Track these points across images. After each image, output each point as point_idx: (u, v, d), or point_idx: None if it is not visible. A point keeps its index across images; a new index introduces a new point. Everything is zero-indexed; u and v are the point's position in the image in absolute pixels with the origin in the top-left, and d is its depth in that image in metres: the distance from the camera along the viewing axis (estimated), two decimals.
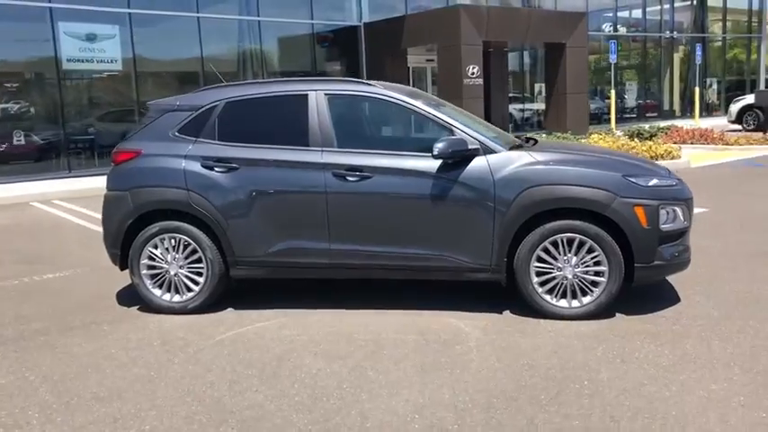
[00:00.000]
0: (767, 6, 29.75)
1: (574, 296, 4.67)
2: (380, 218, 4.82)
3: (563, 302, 4.67)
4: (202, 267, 5.02)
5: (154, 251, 5.07)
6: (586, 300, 4.65)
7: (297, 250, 4.91)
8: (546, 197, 4.57)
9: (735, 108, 22.21)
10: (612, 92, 20.84)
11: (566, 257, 4.62)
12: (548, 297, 4.68)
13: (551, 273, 4.66)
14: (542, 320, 4.66)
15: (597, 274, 4.61)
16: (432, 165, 4.71)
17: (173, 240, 5.04)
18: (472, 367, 3.95)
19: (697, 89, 24.83)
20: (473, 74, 16.67)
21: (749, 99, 22.25)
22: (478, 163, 4.67)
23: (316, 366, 4.03)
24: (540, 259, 4.65)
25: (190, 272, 5.06)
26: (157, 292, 5.11)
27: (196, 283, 5.06)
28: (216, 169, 4.96)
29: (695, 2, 28.52)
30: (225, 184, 4.92)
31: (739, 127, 21.56)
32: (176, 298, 5.10)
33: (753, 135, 16.48)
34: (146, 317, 5.06)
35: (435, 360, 4.07)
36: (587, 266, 4.61)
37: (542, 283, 4.68)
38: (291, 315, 4.97)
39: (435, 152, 4.59)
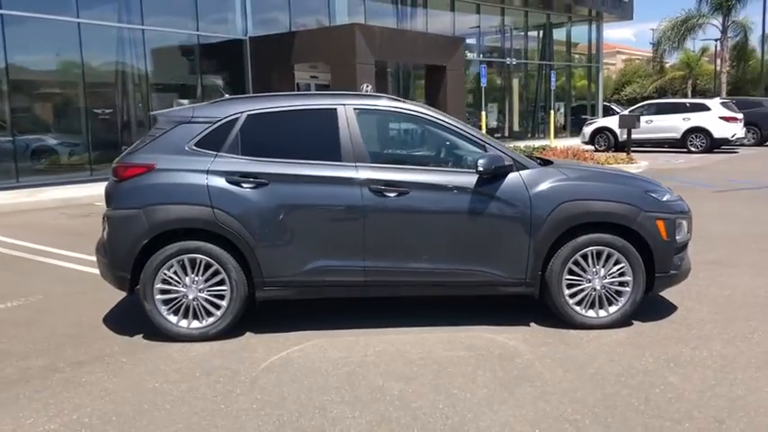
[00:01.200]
0: (602, 41, 32.81)
1: (600, 306, 4.90)
2: (418, 234, 4.78)
3: (591, 312, 4.90)
4: (224, 290, 4.70)
5: (170, 274, 4.67)
6: (612, 309, 4.90)
7: (329, 269, 4.74)
8: (579, 212, 4.78)
9: (588, 130, 24.21)
10: (483, 113, 21.96)
11: (594, 269, 4.85)
12: (577, 308, 4.88)
13: (581, 284, 4.87)
14: (572, 331, 4.85)
15: (622, 284, 4.88)
16: (469, 180, 4.76)
17: (191, 262, 4.67)
18: (548, 379, 4.04)
19: (552, 112, 26.79)
20: (367, 92, 16.86)
21: (601, 122, 24.39)
22: (514, 179, 4.79)
23: (395, 387, 3.93)
24: (570, 272, 4.84)
25: (210, 295, 4.72)
26: (173, 318, 4.72)
27: (217, 306, 4.73)
28: (243, 185, 4.68)
29: (542, 33, 30.76)
30: (253, 200, 4.66)
31: (592, 147, 23.47)
32: (195, 324, 4.73)
33: (618, 155, 18.03)
34: (160, 345, 4.65)
35: (507, 375, 4.11)
36: (613, 277, 4.86)
37: (572, 295, 4.87)
38: (322, 336, 4.79)
39: (481, 168, 4.66)
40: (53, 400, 3.82)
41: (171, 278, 4.68)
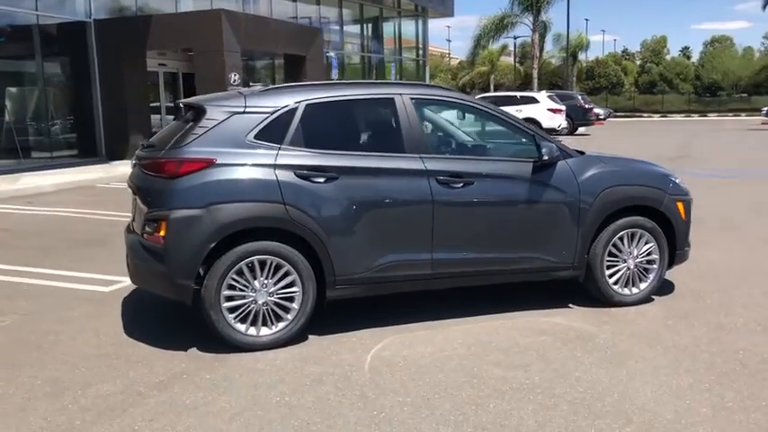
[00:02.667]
0: (428, 35, 34.29)
1: (633, 284, 5.27)
2: (482, 224, 4.82)
3: (626, 290, 5.26)
4: (295, 292, 4.40)
5: (237, 278, 4.28)
6: (643, 286, 5.30)
7: (399, 263, 4.63)
8: (620, 197, 5.11)
9: None
10: None
11: (629, 250, 5.20)
12: (615, 287, 5.21)
13: (617, 265, 5.20)
14: (612, 309, 5.16)
15: (649, 262, 5.29)
16: (526, 169, 4.89)
17: (261, 264, 4.32)
18: (642, 354, 4.29)
19: None
20: (235, 81, 16.22)
21: None
22: (563, 167, 4.99)
23: (518, 376, 3.96)
24: (610, 254, 5.16)
25: (279, 298, 4.39)
26: (241, 326, 4.32)
27: (286, 310, 4.41)
28: (313, 180, 4.40)
29: (373, 27, 31.43)
30: (324, 195, 4.40)
31: None
32: (265, 331, 4.38)
33: None
34: (229, 358, 4.25)
35: (604, 354, 4.30)
36: (643, 257, 5.25)
37: (610, 275, 5.19)
38: (391, 333, 4.66)
39: (546, 157, 4.80)
40: (182, 426, 3.36)
41: (238, 283, 4.28)
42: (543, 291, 5.47)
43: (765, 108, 50.82)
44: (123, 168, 15.26)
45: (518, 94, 26.97)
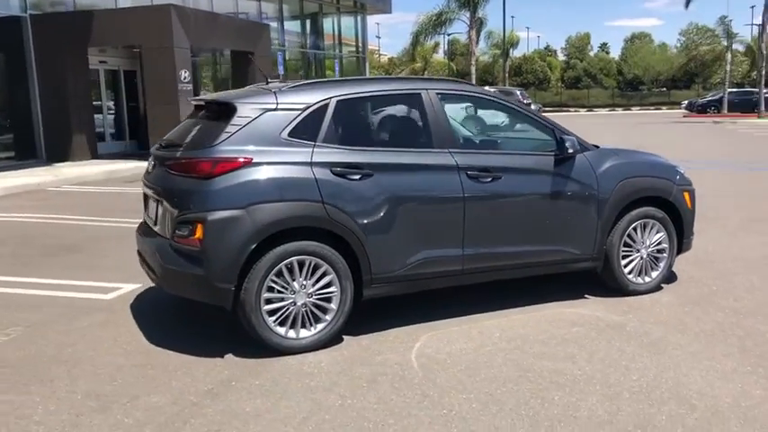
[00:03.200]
0: (367, 32, 34.27)
1: (645, 273, 5.41)
2: (510, 218, 4.85)
3: (639, 279, 5.39)
4: (332, 292, 4.31)
5: (276, 280, 4.16)
6: (654, 274, 5.44)
7: (432, 260, 4.60)
8: (635, 188, 5.23)
9: None
10: None
11: (642, 240, 5.34)
12: (630, 276, 5.33)
13: (631, 255, 5.32)
14: (626, 298, 5.28)
15: (659, 251, 5.44)
16: (548, 162, 4.94)
17: (299, 264, 4.21)
18: (676, 342, 4.40)
19: None
20: (185, 78, 15.78)
21: None
22: (581, 160, 5.07)
23: (569, 368, 4.00)
24: (625, 244, 5.27)
25: (318, 299, 4.29)
26: (281, 330, 4.20)
27: (324, 311, 4.32)
28: (348, 177, 4.31)
29: (311, 23, 31.20)
30: (360, 193, 4.33)
31: None
32: (304, 333, 4.27)
33: None
34: (272, 362, 4.12)
35: (640, 342, 4.39)
36: (653, 246, 5.40)
37: (625, 265, 5.31)
38: (425, 330, 4.63)
39: (571, 150, 4.86)
40: None
41: (277, 285, 4.16)
42: (556, 283, 5.52)
43: (685, 102, 53.29)
44: (71, 170, 14.63)
45: None
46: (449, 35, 46.71)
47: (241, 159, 4.10)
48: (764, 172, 13.56)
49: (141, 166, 15.66)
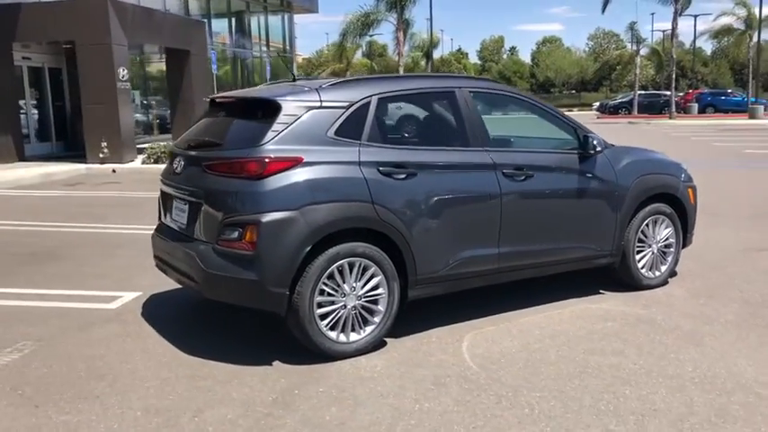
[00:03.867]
0: (294, 31, 33.91)
1: (656, 267, 5.58)
2: (541, 216, 4.89)
3: (650, 274, 5.55)
4: (380, 294, 4.22)
5: (328, 283, 4.03)
6: (663, 268, 5.62)
7: (471, 259, 4.58)
8: (651, 185, 5.39)
9: None
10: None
11: (653, 235, 5.50)
12: (643, 271, 5.49)
13: (644, 250, 5.48)
14: (641, 292, 5.42)
15: (667, 246, 5.62)
16: (573, 160, 5.02)
17: (350, 266, 4.09)
18: (710, 332, 4.55)
19: None
20: (123, 77, 15.12)
21: None
22: (601, 158, 5.17)
23: (624, 361, 4.06)
24: (638, 239, 5.42)
25: (366, 302, 4.19)
26: (332, 334, 4.08)
27: (372, 313, 4.22)
28: (394, 176, 4.23)
29: (238, 21, 30.57)
30: (406, 192, 4.25)
31: None
32: (354, 337, 4.16)
33: None
34: (325, 368, 3.99)
35: (676, 335, 4.50)
36: (663, 241, 5.57)
37: (639, 261, 5.46)
38: (464, 329, 4.61)
39: (599, 148, 4.95)
40: None
41: (329, 287, 4.04)
42: (562, 281, 5.52)
43: (596, 103, 55.57)
44: (3, 173, 13.73)
45: None
46: (370, 36, 46.84)
47: (293, 159, 3.95)
48: (709, 170, 14.27)
49: (76, 168, 15.07)
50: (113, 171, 14.70)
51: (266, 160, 3.91)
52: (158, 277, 5.05)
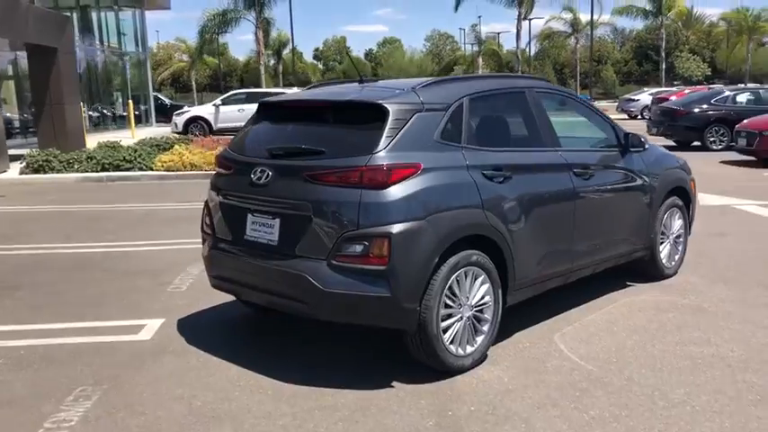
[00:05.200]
0: (146, 28, 31.95)
1: (672, 258, 5.86)
2: (603, 213, 4.97)
3: (669, 264, 5.83)
4: (487, 302, 4.07)
5: (449, 294, 3.83)
6: (677, 258, 5.93)
7: (553, 260, 4.56)
8: (672, 178, 5.67)
9: (181, 120, 23.81)
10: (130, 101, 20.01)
11: (670, 226, 5.78)
12: (665, 261, 5.75)
13: (664, 242, 5.75)
14: (664, 282, 5.68)
15: (678, 237, 5.93)
16: (618, 157, 5.15)
17: (465, 275, 3.91)
18: (756, 319, 4.76)
19: (131, 102, 25.23)
20: None
21: (194, 111, 24.27)
22: (636, 154, 5.34)
23: (700, 350, 4.21)
24: (661, 232, 5.68)
25: (476, 311, 4.03)
26: (453, 348, 3.88)
27: (480, 322, 4.07)
28: (495, 180, 4.09)
29: (82, 16, 28.37)
30: (505, 196, 4.13)
31: (187, 137, 23.19)
32: (469, 349, 3.98)
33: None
34: (451, 384, 3.80)
35: (735, 320, 4.74)
36: (677, 232, 5.87)
37: (661, 251, 5.72)
38: (551, 329, 4.60)
39: (647, 145, 5.11)
40: None
41: (449, 298, 3.83)
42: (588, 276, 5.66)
43: None
44: None
45: (274, 90, 26.78)
46: (218, 34, 45.45)
47: (413, 165, 3.69)
48: None
49: None
50: None
51: (390, 168, 3.62)
52: (157, 300, 4.98)
